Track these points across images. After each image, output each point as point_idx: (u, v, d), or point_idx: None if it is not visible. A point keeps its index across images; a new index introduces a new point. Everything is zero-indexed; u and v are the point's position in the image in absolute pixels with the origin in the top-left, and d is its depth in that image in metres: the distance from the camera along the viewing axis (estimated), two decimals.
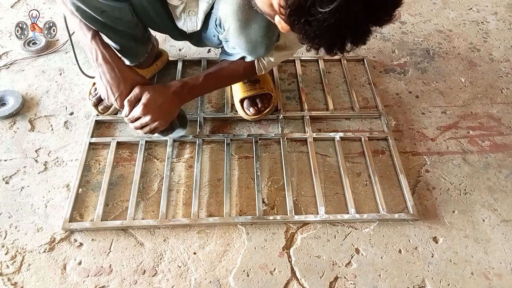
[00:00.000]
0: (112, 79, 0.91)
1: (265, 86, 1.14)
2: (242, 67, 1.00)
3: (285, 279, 0.89)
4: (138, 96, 0.91)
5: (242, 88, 1.14)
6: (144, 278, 0.88)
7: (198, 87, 0.99)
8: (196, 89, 1.00)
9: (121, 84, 0.91)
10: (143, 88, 0.91)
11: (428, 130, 1.17)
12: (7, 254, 0.91)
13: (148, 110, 0.90)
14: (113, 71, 0.90)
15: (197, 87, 0.99)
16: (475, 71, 1.36)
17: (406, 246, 0.95)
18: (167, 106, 0.94)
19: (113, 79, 0.91)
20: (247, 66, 1.00)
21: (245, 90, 1.13)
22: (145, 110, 0.90)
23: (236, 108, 1.16)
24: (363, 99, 1.25)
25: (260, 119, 1.15)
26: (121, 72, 0.91)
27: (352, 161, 1.10)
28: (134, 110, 0.91)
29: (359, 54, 1.39)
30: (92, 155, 1.08)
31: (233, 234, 0.96)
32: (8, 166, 1.05)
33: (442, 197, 1.03)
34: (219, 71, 1.02)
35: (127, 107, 0.91)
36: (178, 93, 0.96)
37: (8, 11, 1.51)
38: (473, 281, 0.90)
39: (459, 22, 1.54)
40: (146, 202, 1.00)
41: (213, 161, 1.08)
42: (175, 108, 0.98)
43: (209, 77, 1.00)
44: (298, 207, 1.00)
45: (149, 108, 0.90)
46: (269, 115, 1.17)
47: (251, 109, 1.12)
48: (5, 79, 1.26)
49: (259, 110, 1.13)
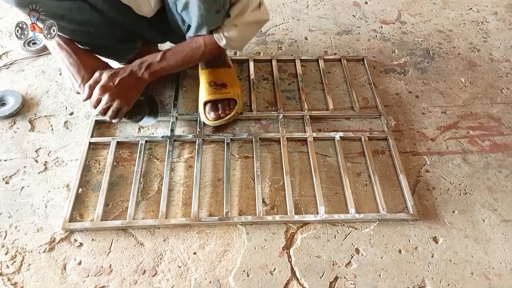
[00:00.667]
0: (72, 64, 0.90)
1: (231, 91, 1.13)
2: (202, 41, 0.98)
3: (285, 279, 0.89)
4: (97, 80, 0.90)
5: (208, 91, 1.12)
6: (144, 278, 0.88)
7: (157, 64, 0.96)
8: (156, 66, 0.97)
9: (82, 70, 0.91)
10: (102, 71, 0.91)
11: (428, 130, 1.18)
12: (7, 254, 0.91)
13: (105, 89, 0.89)
14: (71, 57, 0.90)
15: (156, 64, 0.96)
16: (475, 71, 1.36)
17: (406, 246, 0.95)
18: (126, 84, 0.92)
19: (72, 64, 0.90)
20: (206, 39, 0.97)
21: (210, 93, 1.12)
22: (101, 89, 0.89)
23: (199, 110, 1.14)
24: (363, 99, 1.25)
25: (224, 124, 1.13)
26: (79, 57, 0.91)
27: (352, 161, 1.10)
28: (94, 93, 0.90)
29: (359, 54, 1.39)
30: (92, 155, 1.08)
31: (233, 234, 0.96)
32: (8, 166, 1.05)
33: (442, 197, 1.03)
34: (179, 46, 0.99)
35: (87, 90, 0.91)
36: (135, 70, 0.94)
37: (8, 11, 1.51)
38: (473, 281, 0.90)
39: (459, 22, 1.54)
40: (146, 202, 1.00)
41: (213, 161, 1.08)
42: (136, 86, 0.95)
43: (169, 53, 0.98)
44: (298, 207, 1.00)
45: (106, 87, 0.89)
46: (269, 115, 1.17)
47: (211, 114, 1.11)
48: (5, 79, 1.26)
49: (219, 115, 1.11)
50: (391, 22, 1.54)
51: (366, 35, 1.48)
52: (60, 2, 0.86)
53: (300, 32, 1.48)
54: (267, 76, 1.30)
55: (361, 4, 1.61)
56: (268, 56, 1.35)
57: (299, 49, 1.41)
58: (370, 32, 1.49)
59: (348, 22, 1.53)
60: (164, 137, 1.10)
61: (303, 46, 1.42)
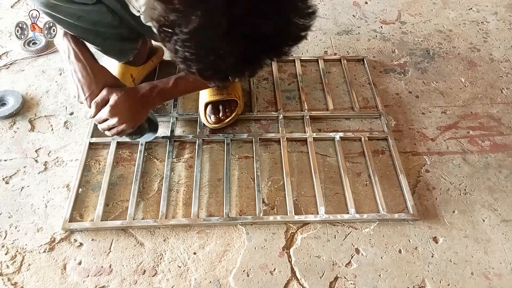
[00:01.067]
0: (84, 78, 0.88)
1: (233, 93, 1.12)
2: None
3: (285, 279, 0.89)
4: (105, 98, 0.89)
5: (209, 92, 1.12)
6: (144, 278, 0.88)
7: (168, 90, 0.97)
8: (166, 93, 0.97)
9: (93, 84, 0.89)
10: (111, 90, 0.89)
11: (428, 130, 1.17)
12: (7, 254, 0.91)
13: (115, 112, 0.88)
14: (85, 70, 0.88)
15: (167, 90, 0.97)
16: (475, 71, 1.36)
17: (406, 246, 0.95)
18: (135, 109, 0.92)
19: (84, 78, 0.88)
20: None
21: (212, 94, 1.11)
22: (112, 112, 0.88)
23: (199, 112, 1.14)
24: (363, 99, 1.25)
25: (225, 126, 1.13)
26: (94, 71, 0.89)
27: (352, 161, 1.10)
28: (101, 112, 0.89)
29: (359, 54, 1.39)
30: (92, 155, 1.08)
31: (233, 234, 0.96)
32: (8, 166, 1.05)
33: (442, 197, 1.03)
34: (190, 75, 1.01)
35: (93, 108, 0.89)
36: (147, 96, 0.94)
37: (8, 11, 1.51)
38: (473, 281, 0.90)
39: (459, 22, 1.54)
40: (146, 202, 1.00)
41: (213, 161, 1.08)
42: (144, 111, 0.96)
43: (179, 81, 0.98)
44: (298, 207, 1.00)
45: (116, 110, 0.88)
46: (269, 115, 1.17)
47: (212, 117, 1.11)
48: (5, 79, 1.26)
49: (219, 119, 1.11)
50: (391, 22, 1.54)
51: (366, 35, 1.48)
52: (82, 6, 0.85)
53: None
54: (267, 76, 1.30)
55: (361, 4, 1.61)
56: None
57: (299, 49, 1.41)
58: (370, 32, 1.49)
59: (348, 22, 1.53)
60: (164, 137, 1.10)
61: (303, 46, 1.42)
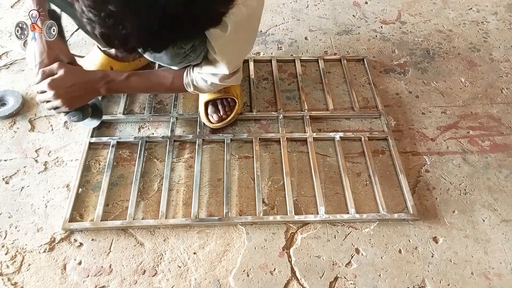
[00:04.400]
0: (38, 46, 0.90)
1: (231, 91, 1.12)
2: (172, 75, 1.00)
3: (285, 279, 0.89)
4: (53, 71, 0.90)
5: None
6: (144, 278, 0.88)
7: (118, 83, 0.97)
8: (116, 85, 0.97)
9: (45, 53, 0.90)
10: (62, 65, 0.90)
11: (428, 130, 1.17)
12: (7, 254, 0.91)
13: (53, 86, 0.89)
14: (40, 38, 0.90)
15: (117, 83, 0.97)
16: (475, 71, 1.36)
17: (406, 246, 0.95)
18: (76, 90, 0.92)
19: (39, 46, 0.90)
20: (176, 78, 0.99)
21: (210, 93, 1.11)
22: (50, 85, 0.89)
23: (199, 111, 1.14)
24: (363, 99, 1.25)
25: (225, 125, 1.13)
26: (49, 42, 0.90)
27: (352, 161, 1.10)
28: (42, 83, 0.90)
29: (359, 54, 1.39)
30: (92, 155, 1.08)
31: (233, 234, 0.96)
32: (8, 166, 1.05)
33: (442, 197, 1.03)
34: (147, 73, 1.01)
35: (39, 77, 0.90)
36: (94, 82, 0.94)
37: (8, 11, 1.51)
38: (473, 281, 0.90)
39: (459, 22, 1.54)
40: (146, 202, 1.00)
41: (213, 161, 1.08)
42: (86, 95, 0.95)
43: (134, 77, 0.98)
44: (298, 207, 1.00)
45: (55, 85, 0.89)
46: (269, 115, 1.17)
47: (214, 116, 1.11)
48: (5, 79, 1.26)
49: (221, 117, 1.11)
50: (391, 22, 1.54)
51: (366, 35, 1.48)
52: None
53: (300, 32, 1.48)
54: (267, 76, 1.30)
55: (361, 4, 1.61)
56: (268, 56, 1.36)
57: (299, 49, 1.41)
58: (370, 32, 1.49)
59: (348, 22, 1.53)
60: (164, 137, 1.10)
61: (303, 46, 1.42)
